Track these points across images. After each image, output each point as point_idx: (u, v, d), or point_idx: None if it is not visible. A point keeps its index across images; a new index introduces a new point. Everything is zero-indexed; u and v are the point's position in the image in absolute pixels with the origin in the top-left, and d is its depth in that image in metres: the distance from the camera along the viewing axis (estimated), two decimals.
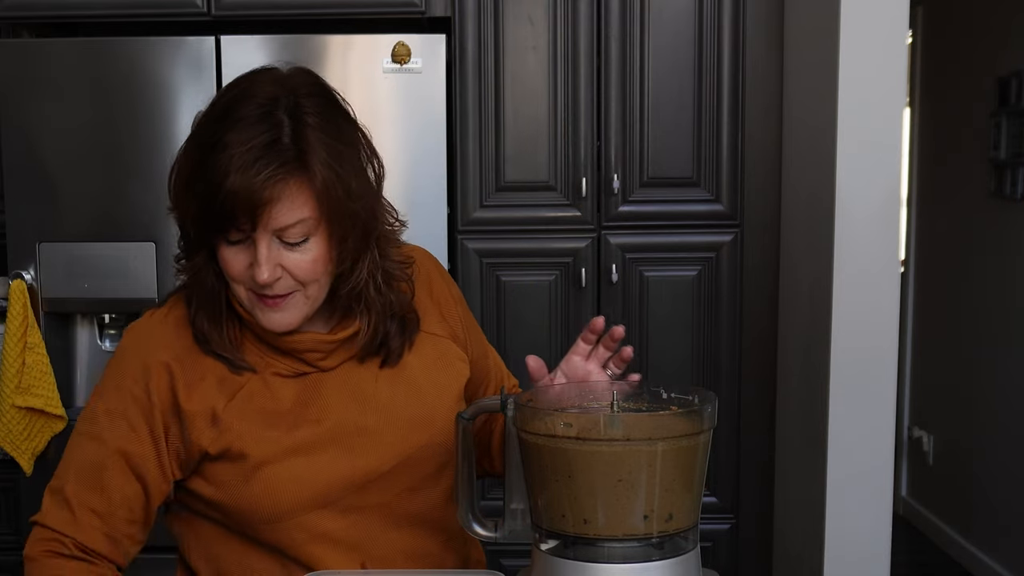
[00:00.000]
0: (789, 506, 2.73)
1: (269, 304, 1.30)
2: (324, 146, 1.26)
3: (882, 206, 2.38)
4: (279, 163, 1.22)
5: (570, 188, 2.73)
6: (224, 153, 1.23)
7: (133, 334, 1.38)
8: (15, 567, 2.77)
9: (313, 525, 1.33)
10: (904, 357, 4.68)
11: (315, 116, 1.27)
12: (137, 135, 2.60)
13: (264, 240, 1.25)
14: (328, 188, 1.25)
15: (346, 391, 1.36)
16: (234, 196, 1.22)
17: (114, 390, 1.34)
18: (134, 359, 1.35)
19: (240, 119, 1.24)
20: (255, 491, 1.32)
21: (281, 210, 1.24)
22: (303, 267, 1.28)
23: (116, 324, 2.74)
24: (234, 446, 1.31)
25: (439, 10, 2.69)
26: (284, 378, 1.35)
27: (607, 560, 1.12)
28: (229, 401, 1.32)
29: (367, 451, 1.35)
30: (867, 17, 2.33)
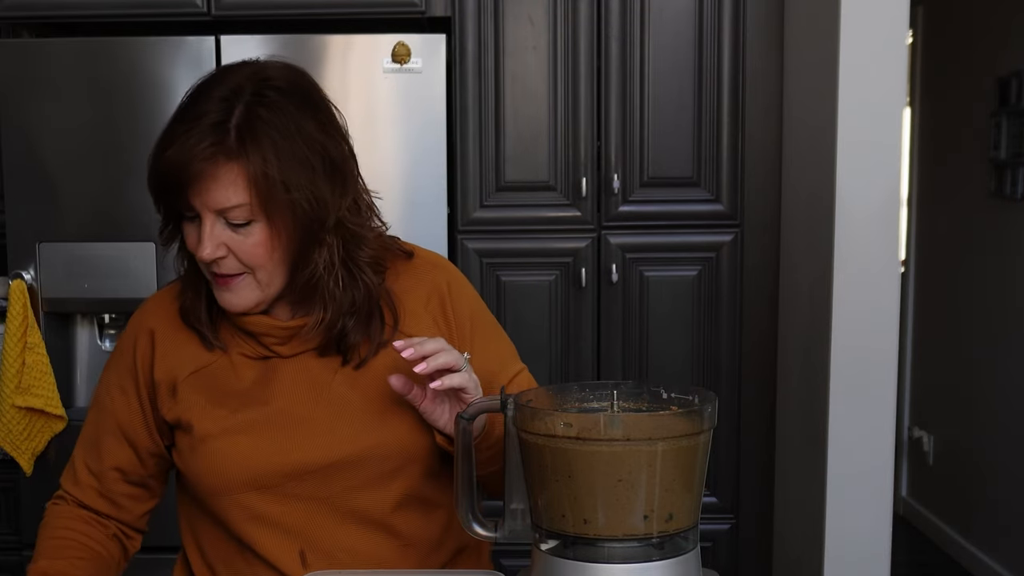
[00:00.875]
0: (789, 506, 2.73)
1: (220, 283, 1.35)
2: (268, 137, 1.28)
3: (882, 206, 2.38)
4: (214, 142, 1.26)
5: (570, 188, 2.73)
6: (174, 126, 1.29)
7: (138, 307, 1.49)
8: (15, 567, 2.78)
9: (251, 505, 1.37)
10: (904, 357, 4.68)
11: (271, 109, 1.29)
12: (137, 135, 2.60)
13: (208, 218, 1.30)
14: (262, 178, 1.27)
15: (300, 380, 1.38)
16: (169, 166, 1.27)
17: (114, 358, 1.46)
18: (131, 328, 1.46)
19: (201, 101, 1.30)
20: (198, 463, 1.37)
21: (216, 189, 1.27)
22: (246, 250, 1.31)
23: (116, 324, 2.74)
24: (183, 417, 1.38)
25: (439, 10, 2.69)
26: (247, 359, 1.40)
27: (607, 560, 1.12)
28: (191, 374, 1.39)
29: (308, 442, 1.36)
30: (867, 17, 2.33)
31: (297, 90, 1.34)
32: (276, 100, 1.30)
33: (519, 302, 2.75)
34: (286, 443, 1.36)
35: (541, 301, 2.75)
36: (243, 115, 1.28)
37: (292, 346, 1.39)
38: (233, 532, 1.38)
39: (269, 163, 1.27)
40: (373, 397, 1.38)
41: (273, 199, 1.28)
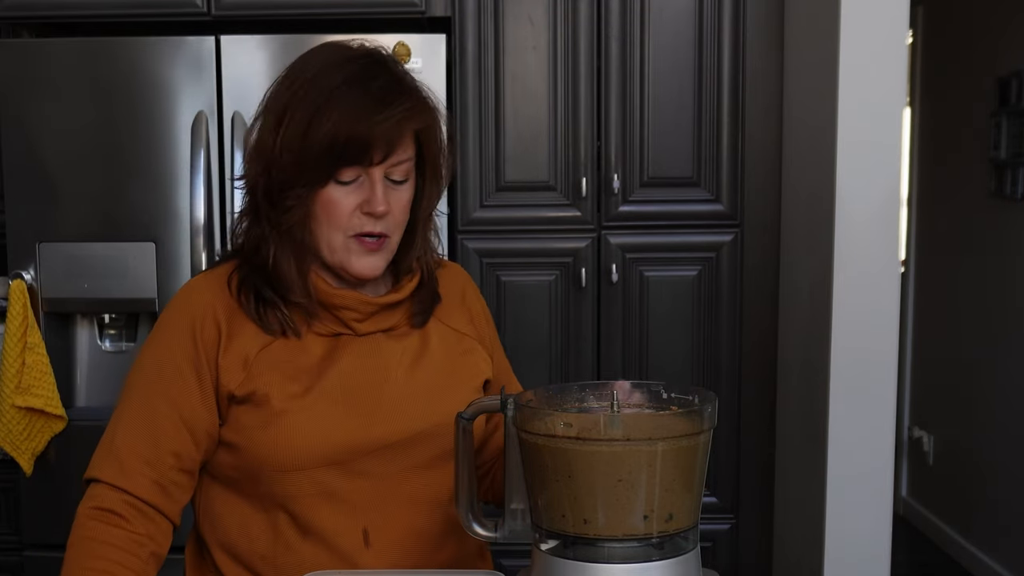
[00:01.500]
0: (789, 506, 2.73)
1: (370, 246, 1.39)
2: (424, 97, 1.41)
3: (882, 206, 2.38)
4: (412, 100, 1.37)
5: (570, 188, 2.73)
6: (353, 93, 1.34)
7: (185, 289, 1.46)
8: (15, 567, 2.78)
9: (321, 480, 1.37)
10: (904, 357, 4.68)
11: (405, 73, 1.42)
12: (137, 135, 2.60)
13: (379, 176, 1.36)
14: (429, 133, 1.40)
15: (371, 358, 1.42)
16: (373, 132, 1.33)
17: (163, 341, 1.41)
18: (183, 310, 1.41)
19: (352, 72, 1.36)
20: (273, 437, 1.36)
21: (401, 148, 1.37)
22: (402, 206, 1.40)
23: (116, 324, 2.74)
24: (259, 390, 1.37)
25: (439, 10, 2.69)
26: (318, 336, 1.41)
27: (607, 560, 1.12)
28: (261, 349, 1.38)
29: (384, 419, 1.39)
30: (867, 17, 2.33)
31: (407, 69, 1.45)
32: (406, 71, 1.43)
33: (519, 302, 2.75)
34: (363, 418, 1.38)
35: (541, 301, 2.75)
36: (401, 76, 1.39)
37: (369, 324, 1.43)
38: (293, 512, 1.38)
39: (430, 124, 1.40)
40: (435, 376, 1.44)
41: (433, 157, 1.42)
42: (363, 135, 1.33)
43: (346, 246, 1.39)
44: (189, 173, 2.57)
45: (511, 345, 2.74)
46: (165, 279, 2.61)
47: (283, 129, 1.36)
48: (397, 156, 1.37)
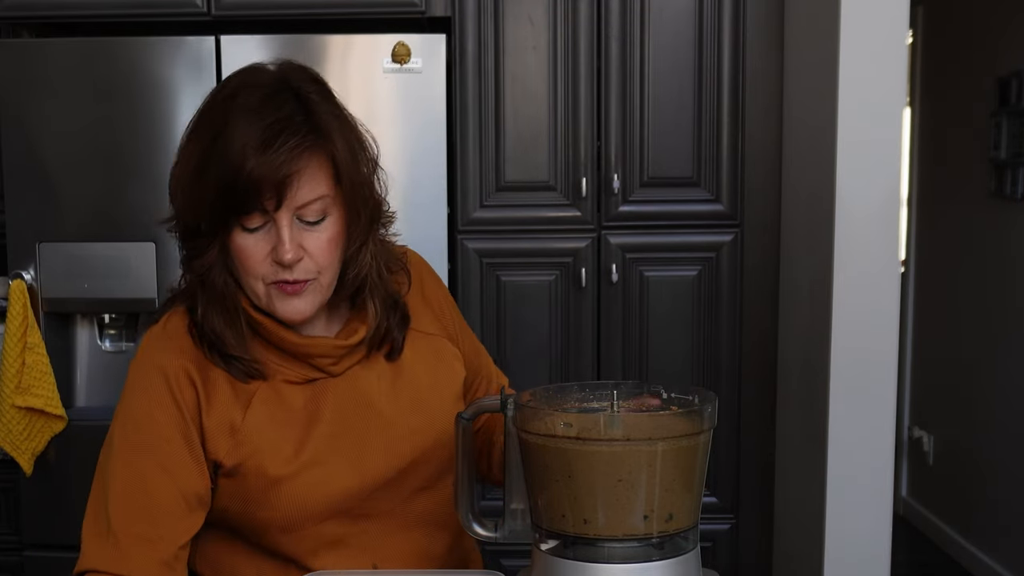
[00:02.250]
0: (789, 506, 2.73)
1: (289, 291, 1.29)
2: (335, 120, 1.29)
3: (882, 206, 2.38)
4: (300, 137, 1.23)
5: (570, 188, 2.73)
6: (239, 136, 1.23)
7: (149, 350, 1.35)
8: (15, 567, 2.78)
9: (326, 532, 1.34)
10: (904, 357, 4.68)
11: (318, 96, 1.29)
12: (137, 135, 2.60)
13: (286, 220, 1.25)
14: (346, 162, 1.27)
15: (352, 398, 1.36)
16: (258, 174, 1.22)
17: (144, 408, 1.30)
18: (152, 372, 1.32)
19: (246, 103, 1.25)
20: (272, 505, 1.31)
21: (303, 186, 1.25)
22: (322, 247, 1.28)
23: (116, 324, 2.74)
24: (251, 460, 1.30)
25: (439, 10, 2.69)
26: (293, 384, 1.34)
27: (607, 560, 1.12)
28: (245, 412, 1.31)
29: (376, 457, 1.35)
30: (867, 17, 2.33)
31: (316, 77, 1.34)
32: (316, 90, 1.30)
33: (519, 302, 2.75)
34: (357, 463, 1.34)
35: (541, 301, 2.75)
36: (302, 106, 1.26)
37: (344, 363, 1.36)
38: (304, 564, 1.34)
39: (342, 151, 1.27)
40: (416, 397, 1.40)
41: (350, 186, 1.28)
42: (248, 179, 1.22)
43: (268, 293, 1.30)
44: None
45: (511, 345, 2.75)
46: (165, 279, 2.61)
47: (181, 168, 1.29)
48: (299, 197, 1.25)
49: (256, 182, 1.22)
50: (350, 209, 1.30)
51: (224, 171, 1.23)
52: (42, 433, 2.61)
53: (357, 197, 1.30)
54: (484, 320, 2.74)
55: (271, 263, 1.27)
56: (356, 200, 1.30)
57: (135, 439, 1.29)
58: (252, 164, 1.22)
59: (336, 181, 1.28)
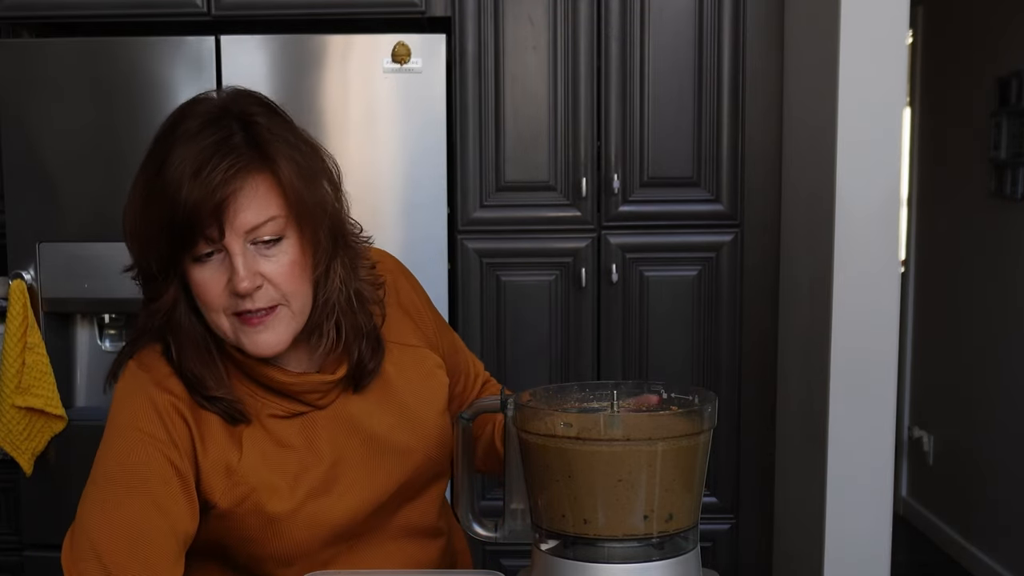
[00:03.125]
0: (789, 506, 2.73)
1: (254, 324, 1.23)
2: (280, 140, 1.23)
3: (882, 206, 2.38)
4: (233, 158, 1.18)
5: (570, 188, 2.73)
6: (175, 165, 1.18)
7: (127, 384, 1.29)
8: (15, 567, 2.78)
9: (325, 558, 1.33)
10: (904, 357, 4.68)
11: (264, 118, 1.24)
12: (137, 135, 2.59)
13: (237, 246, 1.20)
14: (293, 181, 1.21)
15: (342, 427, 1.34)
16: (193, 200, 1.17)
17: (132, 441, 1.25)
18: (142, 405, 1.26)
19: (185, 132, 1.21)
20: (271, 542, 1.29)
21: (247, 207, 1.19)
22: (282, 272, 1.22)
23: (116, 324, 2.74)
24: (248, 500, 1.27)
25: (439, 10, 2.69)
26: (280, 419, 1.31)
27: (607, 560, 1.12)
28: (241, 452, 1.27)
29: (371, 481, 1.35)
30: (867, 17, 2.33)
31: (264, 102, 1.28)
32: (262, 112, 1.25)
33: (519, 302, 2.75)
34: (353, 491, 1.33)
35: (541, 301, 2.75)
36: (244, 128, 1.21)
37: (331, 395, 1.33)
38: None
39: (290, 169, 1.21)
40: (404, 417, 1.38)
41: (302, 205, 1.22)
42: (184, 206, 1.17)
43: (233, 327, 1.24)
44: None
45: (511, 345, 2.75)
46: None
47: (129, 208, 1.25)
48: (244, 220, 1.19)
49: (193, 209, 1.17)
50: (306, 231, 1.23)
51: (163, 203, 1.19)
52: (42, 433, 2.61)
53: (312, 218, 1.23)
54: (484, 320, 2.74)
55: (229, 294, 1.22)
56: (312, 221, 1.23)
57: (128, 476, 1.23)
58: (186, 191, 1.17)
59: (287, 203, 1.21)
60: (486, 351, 2.73)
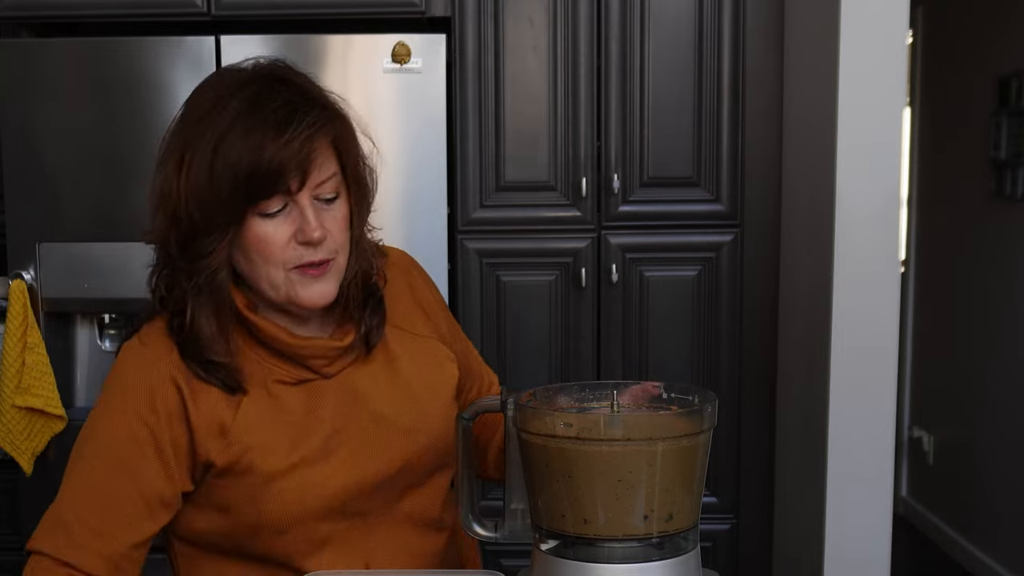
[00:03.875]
0: (789, 506, 2.73)
1: (313, 273, 1.30)
2: (334, 109, 1.32)
3: (882, 206, 2.38)
4: (313, 115, 1.27)
5: (570, 188, 2.73)
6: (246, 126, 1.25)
7: (131, 356, 1.34)
8: (15, 567, 2.77)
9: (319, 531, 1.33)
10: (904, 357, 4.68)
11: (306, 82, 1.33)
12: (137, 135, 2.60)
13: (307, 199, 1.28)
14: (344, 145, 1.31)
15: (347, 397, 1.36)
16: (280, 158, 1.24)
17: (116, 410, 1.31)
18: (137, 377, 1.31)
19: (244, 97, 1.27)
20: (263, 504, 1.30)
21: (320, 164, 1.28)
22: (339, 225, 1.31)
23: (116, 324, 2.74)
24: (242, 459, 1.30)
25: (439, 10, 2.69)
26: (286, 385, 1.34)
27: (607, 560, 1.12)
28: (236, 412, 1.31)
29: (372, 456, 1.35)
30: (867, 17, 2.33)
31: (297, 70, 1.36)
32: (303, 78, 1.33)
33: (519, 302, 2.75)
34: (353, 463, 1.34)
35: (541, 301, 2.75)
36: (301, 91, 1.30)
37: (338, 364, 1.37)
38: (295, 565, 1.33)
39: (345, 132, 1.32)
40: (410, 397, 1.40)
41: (355, 166, 1.33)
42: (271, 163, 1.24)
43: (288, 280, 1.30)
44: None
45: (511, 345, 2.75)
46: None
47: (184, 172, 1.27)
48: (318, 175, 1.28)
49: (280, 166, 1.24)
50: (354, 189, 1.34)
51: (242, 160, 1.24)
52: (42, 433, 2.61)
53: (360, 176, 1.34)
54: (484, 320, 2.74)
55: (295, 246, 1.28)
56: (359, 179, 1.34)
57: (105, 438, 1.30)
58: (271, 150, 1.24)
59: (340, 160, 1.31)
60: (486, 351, 2.73)
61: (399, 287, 1.47)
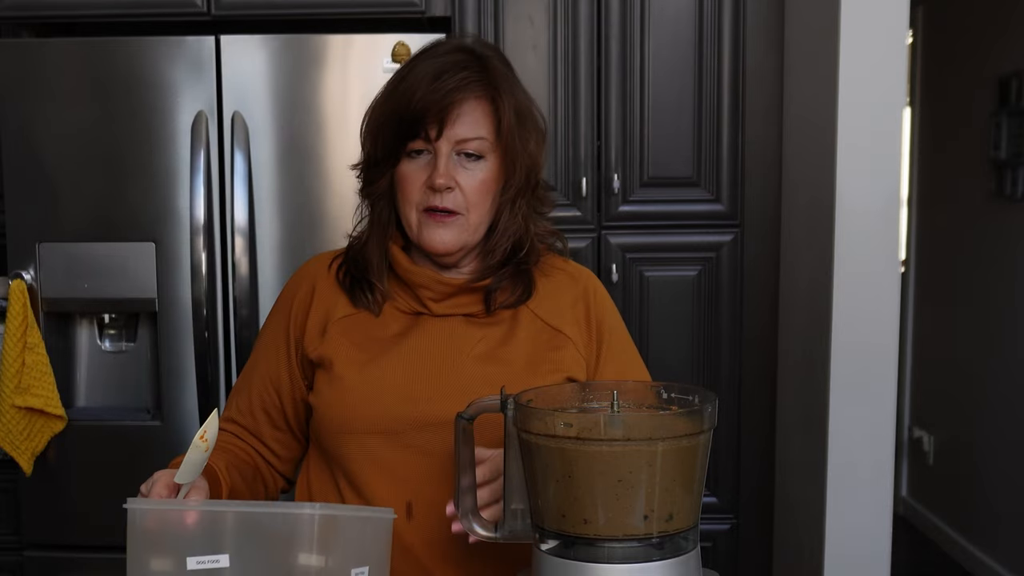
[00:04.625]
0: (789, 506, 2.74)
1: (436, 219, 1.42)
2: (509, 82, 1.44)
3: (882, 206, 2.38)
4: (467, 74, 1.40)
5: (570, 188, 2.73)
6: (417, 72, 1.41)
7: (302, 265, 1.57)
8: (15, 567, 2.78)
9: (372, 449, 1.42)
10: (904, 357, 4.68)
11: (500, 63, 1.45)
12: (137, 135, 2.60)
13: (445, 149, 1.40)
14: (508, 116, 1.42)
15: (444, 339, 1.45)
16: (425, 101, 1.38)
17: (275, 307, 1.56)
18: (294, 279, 1.55)
19: (431, 52, 1.44)
20: (332, 397, 1.43)
21: (464, 121, 1.40)
22: (472, 185, 1.42)
23: (116, 324, 2.74)
24: (327, 354, 1.45)
25: (439, 10, 2.69)
26: (399, 312, 1.47)
27: (607, 560, 1.12)
28: (342, 317, 1.47)
29: (436, 395, 1.41)
30: (867, 17, 2.33)
31: (506, 59, 1.49)
32: (499, 58, 1.46)
33: None
34: (415, 392, 1.42)
35: None
36: (480, 61, 1.42)
37: (446, 305, 1.46)
38: (349, 475, 1.44)
39: (511, 109, 1.42)
40: (510, 367, 1.44)
41: (510, 139, 1.42)
42: (416, 107, 1.39)
43: (419, 221, 1.44)
44: (189, 173, 2.57)
45: None
46: (165, 279, 2.61)
47: (368, 113, 1.48)
48: (462, 130, 1.40)
49: (423, 108, 1.39)
50: (506, 161, 1.43)
51: (400, 101, 1.41)
52: (42, 433, 2.61)
53: (515, 152, 1.43)
54: None
55: (425, 189, 1.42)
56: (513, 155, 1.43)
57: (260, 339, 1.56)
58: (421, 93, 1.39)
59: (497, 131, 1.42)
60: None
61: (562, 292, 1.52)
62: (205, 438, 1.21)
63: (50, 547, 2.65)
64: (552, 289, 1.51)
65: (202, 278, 2.57)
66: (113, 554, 2.60)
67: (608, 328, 1.54)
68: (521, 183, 1.46)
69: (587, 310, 1.53)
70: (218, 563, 1.17)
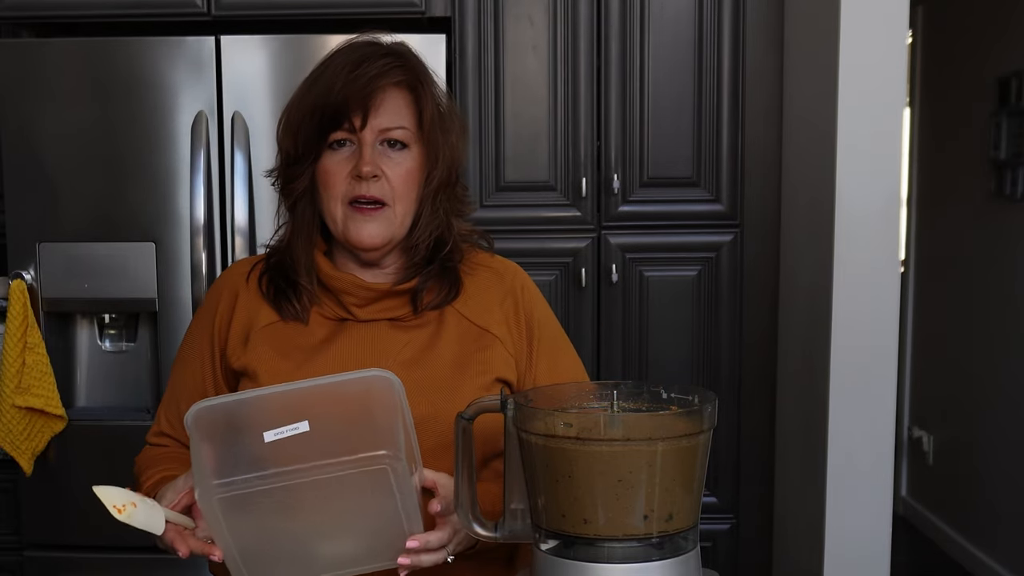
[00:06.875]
0: (789, 506, 2.73)
1: (363, 212, 1.41)
2: (426, 74, 1.45)
3: (882, 206, 2.38)
4: (387, 61, 1.41)
5: (570, 188, 2.73)
6: (336, 64, 1.41)
7: (225, 271, 1.56)
8: (15, 567, 2.78)
9: None
10: (904, 357, 4.68)
11: (416, 60, 1.46)
12: (137, 135, 2.60)
13: (369, 139, 1.40)
14: (431, 109, 1.42)
15: (369, 345, 1.43)
16: (347, 91, 1.38)
17: (197, 315, 1.54)
18: (216, 286, 1.52)
19: (350, 46, 1.44)
20: None
21: (387, 109, 1.40)
22: (399, 174, 1.41)
23: (116, 324, 2.74)
24: (250, 365, 1.42)
25: (439, 10, 2.69)
26: (323, 318, 1.45)
27: (607, 560, 1.12)
28: (265, 325, 1.44)
29: None
30: (867, 17, 2.33)
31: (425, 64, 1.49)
32: (420, 61, 1.47)
33: None
34: None
35: None
36: (399, 53, 1.44)
37: (371, 311, 1.44)
38: None
39: (434, 101, 1.43)
40: (437, 371, 1.41)
41: (431, 131, 1.43)
42: (338, 97, 1.38)
43: (345, 215, 1.42)
44: (189, 173, 2.57)
45: None
46: (165, 279, 2.61)
47: (286, 111, 1.46)
48: (385, 119, 1.40)
49: (345, 98, 1.38)
50: (429, 153, 1.43)
51: (319, 94, 1.40)
52: (42, 433, 2.61)
53: (437, 144, 1.43)
54: None
55: (350, 180, 1.40)
56: (436, 147, 1.43)
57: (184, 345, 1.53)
58: (342, 83, 1.38)
59: (419, 122, 1.42)
60: None
61: (489, 290, 1.50)
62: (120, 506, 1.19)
63: (50, 547, 2.65)
64: (478, 288, 1.49)
65: (202, 278, 2.57)
66: (113, 554, 2.60)
67: (538, 323, 1.51)
68: (443, 176, 1.45)
69: (516, 306, 1.50)
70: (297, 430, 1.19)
